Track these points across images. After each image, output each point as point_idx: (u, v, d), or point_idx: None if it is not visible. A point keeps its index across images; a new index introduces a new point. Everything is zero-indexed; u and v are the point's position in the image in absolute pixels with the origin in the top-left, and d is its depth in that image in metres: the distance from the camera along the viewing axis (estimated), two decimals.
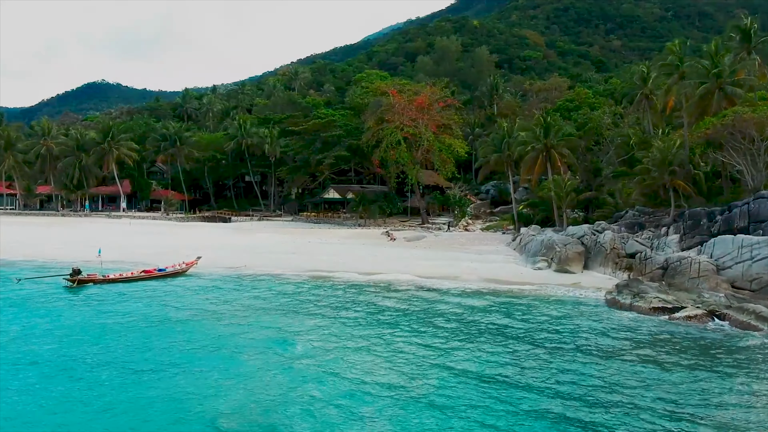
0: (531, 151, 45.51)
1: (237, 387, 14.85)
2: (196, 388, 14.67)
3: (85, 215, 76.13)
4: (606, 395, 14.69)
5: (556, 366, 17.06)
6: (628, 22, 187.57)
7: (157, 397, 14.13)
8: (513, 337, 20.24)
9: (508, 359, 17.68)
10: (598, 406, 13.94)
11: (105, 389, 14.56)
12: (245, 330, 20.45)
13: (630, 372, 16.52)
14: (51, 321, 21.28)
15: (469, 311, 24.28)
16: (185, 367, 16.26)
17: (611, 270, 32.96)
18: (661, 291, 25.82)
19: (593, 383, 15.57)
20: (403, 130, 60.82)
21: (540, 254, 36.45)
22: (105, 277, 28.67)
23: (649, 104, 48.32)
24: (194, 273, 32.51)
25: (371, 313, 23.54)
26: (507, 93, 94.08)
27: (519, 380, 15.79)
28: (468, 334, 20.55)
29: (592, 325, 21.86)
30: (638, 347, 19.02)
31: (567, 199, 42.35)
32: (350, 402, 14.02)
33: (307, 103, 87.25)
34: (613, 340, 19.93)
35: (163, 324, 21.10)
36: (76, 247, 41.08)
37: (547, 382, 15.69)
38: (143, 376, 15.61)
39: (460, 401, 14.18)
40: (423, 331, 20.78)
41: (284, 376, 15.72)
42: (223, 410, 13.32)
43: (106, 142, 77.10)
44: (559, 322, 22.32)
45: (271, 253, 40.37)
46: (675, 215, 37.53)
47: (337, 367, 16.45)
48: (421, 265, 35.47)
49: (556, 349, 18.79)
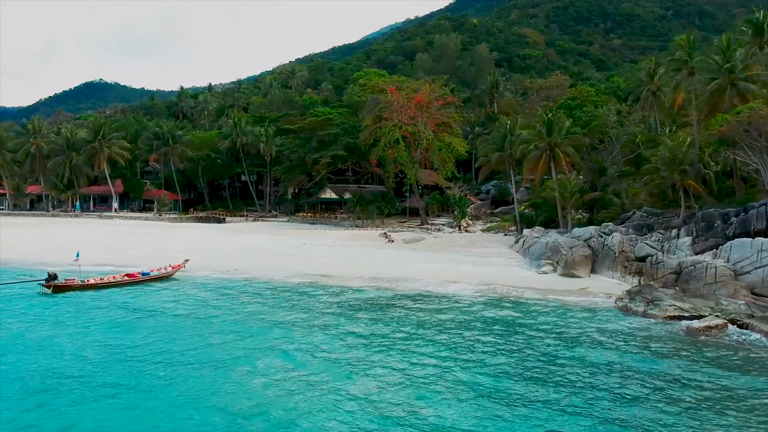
0: (534, 150, 43.84)
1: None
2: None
3: (76, 215, 74.37)
4: (626, 412, 13.12)
5: (570, 380, 15.52)
6: (628, 21, 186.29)
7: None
8: (520, 349, 18.66)
9: (518, 372, 16.14)
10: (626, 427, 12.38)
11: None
12: (230, 346, 18.73)
13: (651, 387, 14.97)
14: (7, 336, 19.08)
15: (472, 319, 22.69)
16: (156, 398, 14.10)
17: (620, 274, 31.42)
18: (676, 298, 24.22)
19: (612, 400, 14.09)
20: (401, 128, 59.15)
21: (545, 257, 34.83)
22: (84, 283, 26.98)
23: (657, 101, 46.70)
24: (181, 277, 30.88)
25: (369, 322, 21.89)
26: (507, 91, 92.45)
27: (532, 396, 14.28)
28: (472, 346, 18.92)
29: (604, 336, 20.25)
30: (658, 361, 17.44)
31: (572, 200, 40.73)
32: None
33: (304, 101, 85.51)
34: (628, 352, 18.34)
35: (134, 344, 18.53)
36: (62, 249, 39.25)
37: (562, 398, 14.21)
38: (103, 404, 13.59)
39: (467, 422, 12.59)
40: (424, 342, 19.16)
41: (277, 407, 14.04)
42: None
43: (97, 140, 75.29)
44: (568, 332, 20.71)
45: (265, 256, 38.87)
46: (685, 217, 36.02)
47: (339, 386, 14.83)
48: (420, 268, 33.89)
49: (568, 362, 17.21)
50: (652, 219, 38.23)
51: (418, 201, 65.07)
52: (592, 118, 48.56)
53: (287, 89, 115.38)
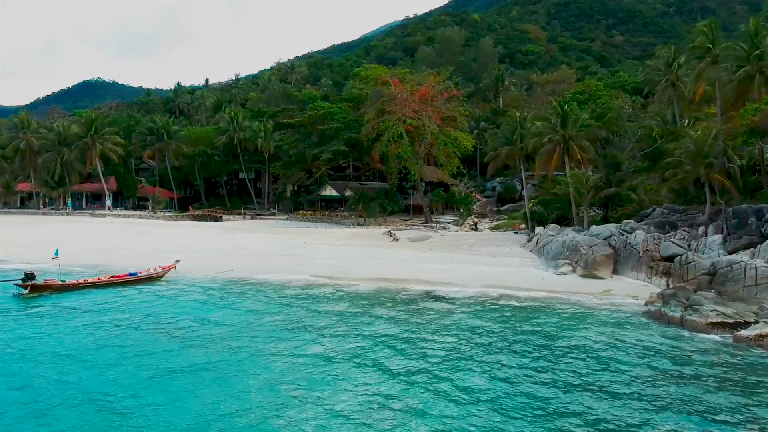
0: (547, 143, 41.47)
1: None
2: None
3: (67, 214, 71.82)
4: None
5: (604, 399, 13.30)
6: (630, 18, 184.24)
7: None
8: (547, 359, 16.55)
9: (546, 387, 13.93)
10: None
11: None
12: (218, 360, 16.43)
13: (704, 410, 12.72)
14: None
15: (490, 325, 20.50)
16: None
17: (645, 275, 29.23)
18: (717, 302, 21.97)
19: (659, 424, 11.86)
20: (405, 122, 56.67)
21: (562, 257, 32.59)
22: (64, 283, 24.70)
23: (676, 92, 44.37)
24: (171, 278, 28.64)
25: (378, 329, 19.62)
26: (512, 86, 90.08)
27: (563, 418, 12.00)
28: (493, 357, 16.67)
29: (643, 348, 18.02)
30: (708, 377, 15.22)
31: (588, 196, 38.44)
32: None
33: (303, 96, 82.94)
34: (674, 368, 16.12)
35: (106, 357, 16.30)
36: (48, 248, 37.02)
37: (597, 422, 11.95)
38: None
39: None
40: (440, 352, 16.91)
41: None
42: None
43: (89, 135, 72.72)
44: (601, 343, 18.42)
45: (263, 256, 36.72)
46: (711, 213, 33.85)
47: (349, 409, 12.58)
48: (428, 269, 31.67)
49: (600, 375, 15.10)
50: (675, 216, 36.02)
51: (422, 198, 62.71)
52: (606, 110, 46.20)
53: (286, 84, 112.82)
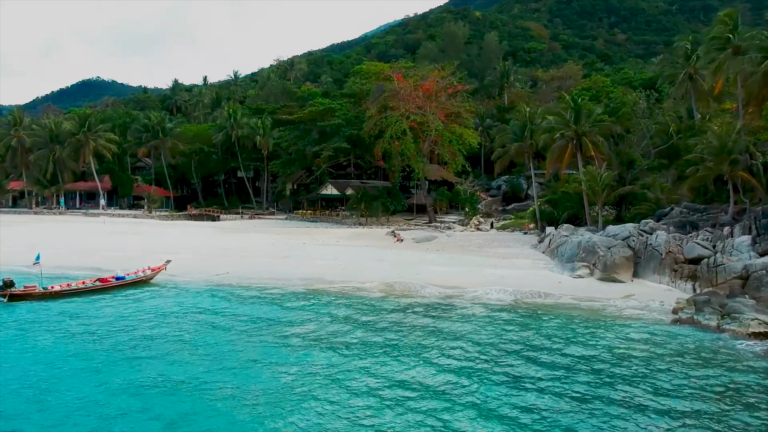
0: (559, 139, 39.54)
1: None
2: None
3: (60, 213, 69.85)
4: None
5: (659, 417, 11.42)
6: (633, 16, 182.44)
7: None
8: (575, 371, 14.86)
9: (577, 408, 11.97)
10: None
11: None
12: (207, 377, 14.57)
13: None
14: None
15: (512, 334, 18.70)
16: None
17: (669, 279, 27.36)
18: (758, 310, 20.09)
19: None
20: (408, 118, 54.65)
21: (577, 259, 30.73)
22: (45, 291, 22.79)
23: (694, 86, 42.45)
24: (162, 281, 26.78)
25: (385, 339, 17.73)
26: (517, 82, 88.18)
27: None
28: (516, 370, 14.77)
29: (679, 357, 16.20)
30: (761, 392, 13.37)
31: (603, 194, 36.58)
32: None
33: (303, 93, 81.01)
34: (718, 380, 14.35)
35: (84, 375, 14.50)
36: (38, 250, 35.08)
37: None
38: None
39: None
40: (459, 366, 15.03)
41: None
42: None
43: (82, 132, 70.75)
44: (631, 354, 16.63)
45: (261, 257, 34.96)
46: (734, 212, 32.03)
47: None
48: (437, 271, 29.83)
49: (639, 393, 13.24)
50: (695, 215, 34.14)
51: (425, 197, 60.81)
52: (620, 105, 44.29)
53: (285, 81, 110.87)
